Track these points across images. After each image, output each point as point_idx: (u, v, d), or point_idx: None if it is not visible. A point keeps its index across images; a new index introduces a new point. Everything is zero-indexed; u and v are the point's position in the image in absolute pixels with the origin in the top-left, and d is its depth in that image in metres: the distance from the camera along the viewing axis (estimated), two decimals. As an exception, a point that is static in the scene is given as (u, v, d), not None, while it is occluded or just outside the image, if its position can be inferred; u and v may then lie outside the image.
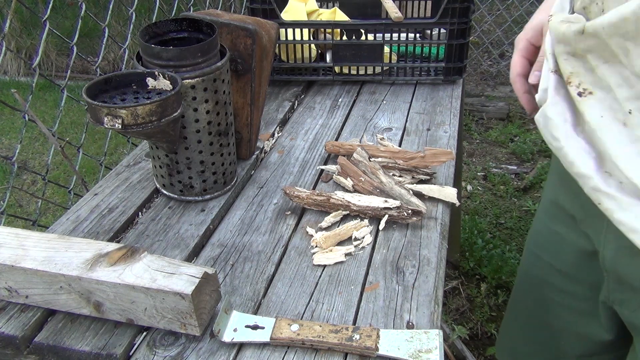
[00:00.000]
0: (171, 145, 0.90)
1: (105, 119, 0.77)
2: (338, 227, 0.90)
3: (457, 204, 0.95)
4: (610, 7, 0.60)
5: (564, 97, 0.70)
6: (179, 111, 0.83)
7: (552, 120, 0.69)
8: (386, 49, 1.35)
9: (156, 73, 0.84)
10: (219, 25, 0.95)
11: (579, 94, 0.65)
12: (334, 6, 1.47)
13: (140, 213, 0.95)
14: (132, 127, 0.79)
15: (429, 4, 1.47)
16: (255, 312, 0.75)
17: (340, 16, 1.42)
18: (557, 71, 0.72)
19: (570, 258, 0.91)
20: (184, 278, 0.68)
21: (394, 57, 1.39)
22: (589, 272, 0.88)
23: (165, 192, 0.98)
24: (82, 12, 1.33)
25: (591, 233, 0.83)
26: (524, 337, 1.11)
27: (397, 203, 0.90)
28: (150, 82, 0.85)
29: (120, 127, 0.78)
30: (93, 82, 0.82)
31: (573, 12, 0.70)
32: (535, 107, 0.82)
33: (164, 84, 0.85)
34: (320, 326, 0.70)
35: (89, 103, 0.78)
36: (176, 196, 0.97)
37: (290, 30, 1.33)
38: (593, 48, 0.62)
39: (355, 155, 0.99)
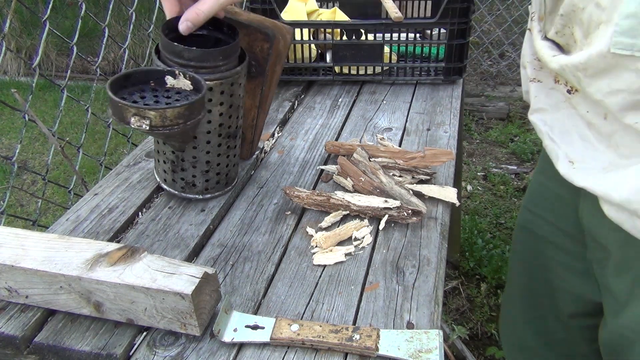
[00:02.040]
0: (183, 145, 0.89)
1: (132, 119, 0.77)
2: (338, 227, 0.90)
3: (457, 204, 0.95)
4: (577, 33, 0.69)
5: (544, 102, 0.81)
6: (202, 113, 0.83)
7: (536, 125, 0.82)
8: (386, 49, 1.35)
9: (177, 72, 0.84)
10: (237, 25, 0.93)
11: (568, 92, 0.74)
12: (334, 6, 1.47)
13: (140, 213, 0.95)
14: (159, 128, 0.78)
15: (429, 4, 1.47)
16: (255, 312, 0.75)
17: (340, 16, 1.42)
18: (535, 79, 0.79)
19: (572, 218, 0.94)
20: (184, 278, 0.68)
21: (394, 57, 1.39)
22: (583, 233, 0.92)
23: (165, 187, 0.97)
24: (82, 12, 1.33)
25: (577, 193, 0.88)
26: (524, 299, 1.15)
27: (397, 203, 0.90)
28: (169, 80, 0.85)
29: (147, 128, 0.77)
30: (115, 78, 0.81)
31: (545, 37, 0.78)
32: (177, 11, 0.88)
33: (183, 83, 0.84)
34: (320, 326, 0.70)
35: (115, 102, 0.77)
36: (176, 192, 0.97)
37: (290, 30, 1.33)
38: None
39: (355, 155, 0.99)
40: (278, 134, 1.20)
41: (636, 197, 0.65)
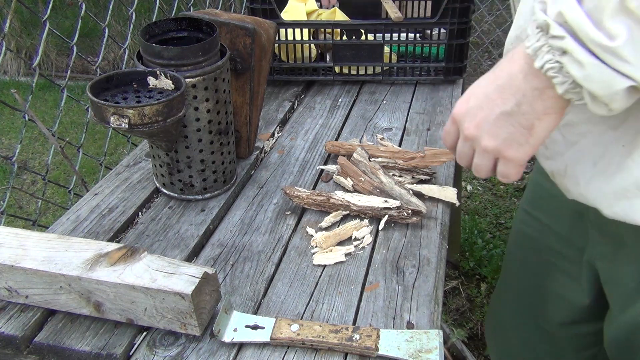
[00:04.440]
0: (170, 145, 0.90)
1: (112, 118, 0.77)
2: (338, 227, 0.90)
3: (457, 204, 0.95)
4: None
5: None
6: (183, 111, 0.83)
7: None
8: (386, 49, 1.34)
9: (158, 72, 0.84)
10: (218, 24, 0.95)
11: None
12: (333, 6, 1.47)
13: (140, 213, 0.95)
14: (139, 126, 0.79)
15: (429, 4, 1.47)
16: (255, 312, 0.75)
17: (340, 16, 1.42)
18: None
19: (566, 219, 0.93)
20: (184, 278, 0.68)
21: (394, 57, 1.39)
22: (579, 234, 0.90)
23: (165, 191, 0.98)
24: (82, 12, 1.33)
25: None
26: (514, 303, 1.13)
27: (397, 203, 0.90)
28: (152, 81, 0.85)
29: (126, 126, 0.77)
30: (95, 80, 0.82)
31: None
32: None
33: (165, 83, 0.85)
34: (320, 326, 0.70)
35: (95, 102, 0.78)
36: (176, 195, 0.97)
37: (290, 30, 1.33)
38: None
39: (355, 155, 0.99)
40: (278, 134, 1.20)
41: None
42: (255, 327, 0.70)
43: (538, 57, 0.55)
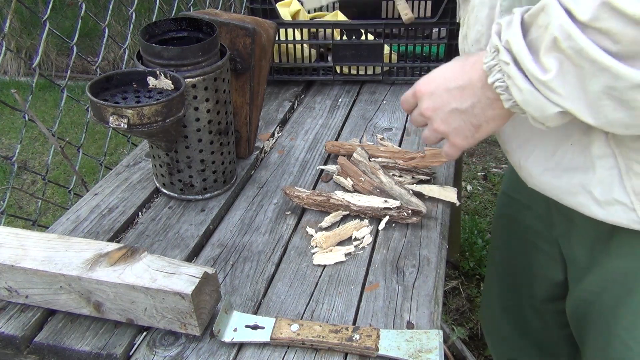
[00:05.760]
0: (169, 145, 0.90)
1: (111, 118, 0.78)
2: (338, 227, 0.90)
3: (457, 204, 0.95)
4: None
5: None
6: (182, 111, 0.83)
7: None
8: (386, 48, 1.34)
9: (157, 72, 0.84)
10: (218, 24, 0.95)
11: None
12: (334, 9, 1.47)
13: (140, 213, 0.95)
14: (138, 126, 0.79)
15: (429, 4, 1.47)
16: (255, 312, 0.75)
17: (342, 19, 1.42)
18: None
19: (543, 199, 0.97)
20: (184, 278, 0.68)
21: (394, 57, 1.39)
22: (552, 213, 0.94)
23: (165, 191, 0.98)
24: (82, 12, 1.33)
25: None
26: (502, 285, 1.17)
27: (397, 203, 0.90)
28: (152, 81, 0.86)
29: (125, 126, 0.78)
30: (95, 80, 0.82)
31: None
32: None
33: (165, 83, 0.85)
34: (320, 326, 0.70)
35: (94, 102, 0.78)
36: (176, 195, 0.97)
37: (290, 31, 1.33)
38: None
39: (355, 155, 0.99)
40: (278, 134, 1.20)
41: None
42: (255, 327, 0.70)
43: (490, 74, 0.62)
